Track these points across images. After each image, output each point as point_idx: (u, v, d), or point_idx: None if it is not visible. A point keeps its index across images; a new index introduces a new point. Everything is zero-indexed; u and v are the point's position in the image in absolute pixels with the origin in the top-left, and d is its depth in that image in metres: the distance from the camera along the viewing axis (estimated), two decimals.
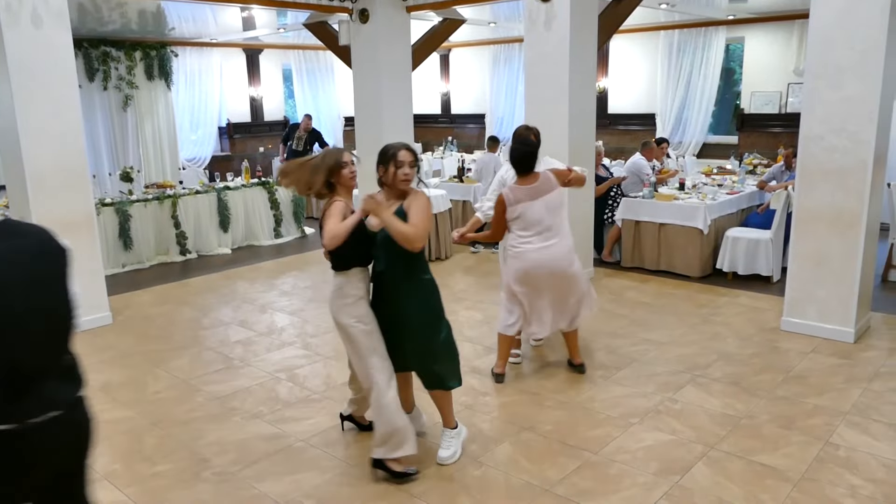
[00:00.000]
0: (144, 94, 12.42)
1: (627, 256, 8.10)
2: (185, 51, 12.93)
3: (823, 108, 5.44)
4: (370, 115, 9.02)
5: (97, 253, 6.51)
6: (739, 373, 5.14)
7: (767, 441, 4.14)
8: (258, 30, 12.46)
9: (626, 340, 5.85)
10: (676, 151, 11.99)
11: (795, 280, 5.84)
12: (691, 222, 7.52)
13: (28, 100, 5.88)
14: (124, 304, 7.21)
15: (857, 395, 4.71)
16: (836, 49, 5.32)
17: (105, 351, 5.92)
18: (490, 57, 14.88)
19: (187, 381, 5.27)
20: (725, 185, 8.76)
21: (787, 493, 3.61)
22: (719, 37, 11.79)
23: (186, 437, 4.38)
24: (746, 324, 6.17)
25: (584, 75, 7.14)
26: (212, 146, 13.77)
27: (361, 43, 8.83)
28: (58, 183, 6.11)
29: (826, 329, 5.72)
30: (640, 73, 12.95)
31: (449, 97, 16.12)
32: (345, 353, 5.67)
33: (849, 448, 4.04)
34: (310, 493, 3.74)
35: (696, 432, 4.26)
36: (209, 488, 3.81)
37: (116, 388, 5.17)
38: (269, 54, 14.41)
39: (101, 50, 11.67)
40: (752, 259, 7.41)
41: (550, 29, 6.92)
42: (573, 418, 4.50)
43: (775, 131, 11.45)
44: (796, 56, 11.12)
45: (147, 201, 8.81)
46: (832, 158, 5.47)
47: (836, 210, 5.52)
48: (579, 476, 3.82)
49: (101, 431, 4.44)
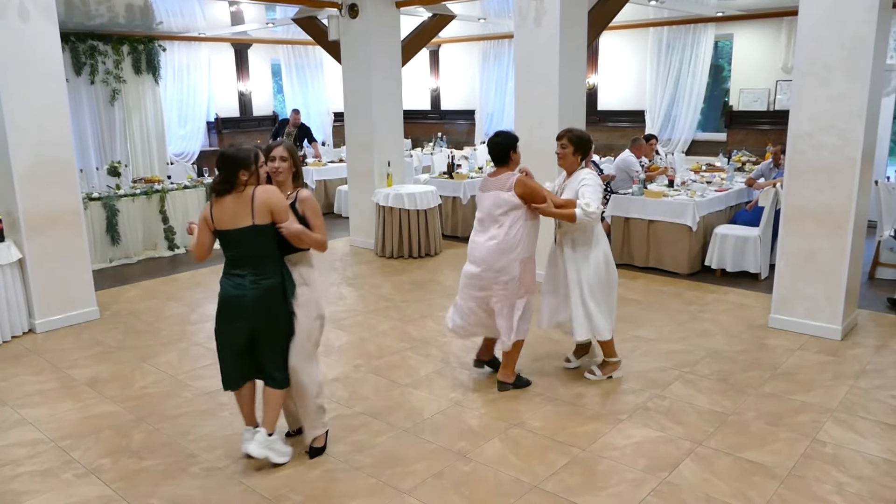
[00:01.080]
0: (132, 89, 12.33)
1: (617, 253, 8.09)
2: (173, 45, 12.84)
3: (812, 105, 5.46)
4: (360, 110, 9.01)
5: (84, 248, 6.46)
6: (727, 370, 5.16)
7: (755, 438, 4.16)
8: (247, 24, 12.40)
9: (615, 337, 5.82)
10: (665, 148, 12.02)
11: (783, 277, 5.87)
12: (680, 219, 7.54)
13: (14, 93, 5.82)
14: (112, 299, 7.17)
15: (844, 393, 4.74)
16: (825, 46, 5.34)
17: (92, 346, 5.88)
18: (480, 53, 14.87)
19: (175, 376, 5.25)
20: (714, 182, 8.79)
21: (774, 489, 3.62)
22: (708, 34, 11.82)
23: (174, 433, 4.36)
24: (734, 321, 6.19)
25: (574, 72, 7.14)
26: (200, 141, 13.69)
27: (351, 38, 8.81)
28: (45, 177, 6.07)
29: (813, 326, 5.75)
30: (629, 70, 12.96)
31: (439, 93, 16.10)
32: (334, 350, 5.69)
33: (836, 445, 4.06)
34: (297, 488, 3.72)
35: (684, 429, 4.28)
36: (197, 483, 3.79)
37: (104, 383, 5.13)
38: (257, 49, 14.34)
39: (88, 44, 11.59)
40: (740, 256, 7.44)
41: (540, 25, 6.92)
42: (562, 415, 4.51)
43: (764, 128, 11.50)
44: (785, 53, 11.16)
45: (135, 196, 8.75)
46: (820, 156, 5.49)
47: (825, 207, 5.55)
48: (568, 472, 3.82)
49: (87, 426, 4.43)
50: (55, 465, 4.00)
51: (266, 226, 3.68)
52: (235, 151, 3.72)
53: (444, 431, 4.32)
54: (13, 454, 4.14)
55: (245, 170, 3.66)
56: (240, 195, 3.67)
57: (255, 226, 3.66)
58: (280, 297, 3.79)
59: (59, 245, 6.24)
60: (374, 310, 6.71)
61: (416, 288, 7.43)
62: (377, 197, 8.73)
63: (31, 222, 6.05)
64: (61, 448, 4.19)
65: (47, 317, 6.25)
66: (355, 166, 9.35)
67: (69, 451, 4.16)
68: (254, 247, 3.71)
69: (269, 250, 3.75)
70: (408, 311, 6.66)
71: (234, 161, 3.66)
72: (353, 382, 5.07)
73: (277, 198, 3.70)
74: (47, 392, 5.02)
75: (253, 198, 3.64)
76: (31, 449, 4.20)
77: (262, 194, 3.66)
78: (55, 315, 6.29)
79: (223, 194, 3.68)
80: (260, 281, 3.72)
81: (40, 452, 4.15)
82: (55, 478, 3.88)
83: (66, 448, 4.19)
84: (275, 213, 3.67)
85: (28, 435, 4.37)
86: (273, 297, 3.76)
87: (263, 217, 3.65)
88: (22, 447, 4.22)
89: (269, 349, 3.82)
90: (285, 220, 3.69)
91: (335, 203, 11.92)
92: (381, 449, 4.11)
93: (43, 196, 6.08)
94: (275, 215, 3.67)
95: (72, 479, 3.87)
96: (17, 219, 6.00)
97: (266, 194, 3.67)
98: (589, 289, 4.78)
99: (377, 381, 5.10)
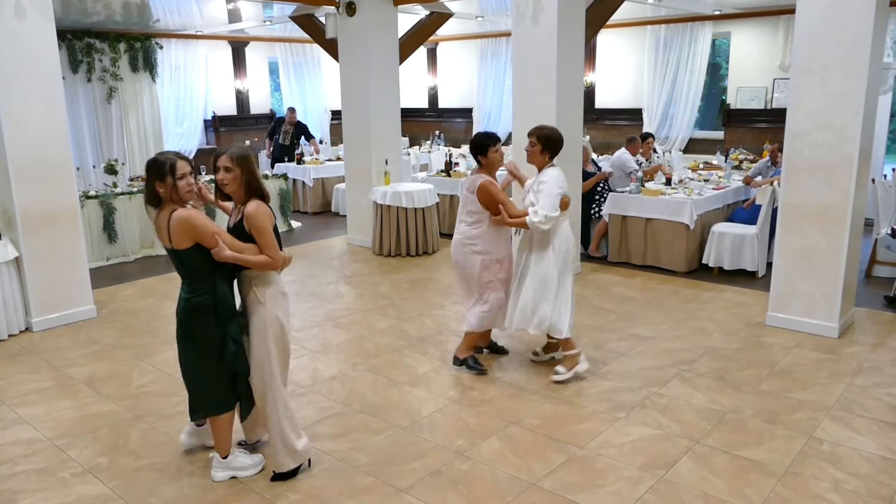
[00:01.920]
0: (129, 87, 12.32)
1: (614, 251, 8.12)
2: (170, 43, 12.82)
3: (809, 103, 5.47)
4: (357, 108, 9.00)
5: (81, 246, 6.45)
6: (725, 368, 5.16)
7: (752, 436, 4.16)
8: (244, 22, 12.38)
9: (613, 335, 5.86)
10: (663, 147, 12.03)
11: (780, 275, 5.88)
12: (678, 217, 7.55)
13: (11, 91, 5.81)
14: (109, 297, 7.16)
15: (841, 390, 4.74)
16: (822, 45, 5.34)
17: (89, 345, 5.87)
18: (477, 51, 14.86)
19: (172, 374, 5.23)
20: (711, 180, 8.79)
21: (771, 487, 3.63)
22: (706, 32, 11.83)
23: (171, 431, 4.35)
24: (732, 319, 6.20)
25: (572, 70, 7.14)
26: (197, 139, 13.68)
27: (348, 36, 8.80)
28: (41, 175, 6.05)
29: (810, 324, 5.76)
30: (627, 68, 12.97)
31: (436, 91, 16.09)
32: (332, 349, 5.69)
33: (833, 443, 4.07)
34: (295, 486, 3.72)
35: (681, 427, 4.28)
36: (194, 482, 3.79)
37: (101, 381, 5.13)
38: (255, 47, 14.32)
39: (84, 41, 11.56)
40: (737, 254, 7.45)
41: (538, 23, 6.91)
42: (560, 413, 4.51)
43: (761, 126, 11.51)
44: (782, 51, 11.17)
45: (132, 194, 8.73)
46: (818, 154, 5.49)
47: (822, 205, 5.55)
48: (566, 470, 3.82)
49: (84, 425, 4.43)
50: (52, 464, 3.99)
51: (187, 250, 3.44)
52: (154, 159, 3.44)
53: (442, 430, 4.31)
54: (10, 453, 4.13)
55: (159, 181, 3.38)
56: (162, 212, 3.43)
57: (174, 249, 3.45)
58: (204, 318, 3.53)
59: (55, 243, 6.22)
60: (371, 308, 6.71)
61: (414, 286, 7.43)
62: (375, 195, 8.72)
63: (28, 220, 6.04)
64: (58, 447, 4.19)
65: (44, 315, 6.23)
66: (353, 164, 9.34)
67: (66, 449, 4.15)
68: (180, 265, 3.54)
69: (197, 268, 3.51)
70: (406, 309, 6.66)
71: (149, 170, 3.40)
72: (351, 381, 5.07)
73: (197, 223, 3.39)
74: (44, 391, 5.01)
75: (168, 221, 3.39)
76: (27, 448, 4.19)
77: (177, 222, 3.38)
78: (52, 313, 6.28)
79: (154, 206, 3.46)
80: (190, 297, 3.53)
81: (37, 451, 4.15)
82: (52, 477, 3.87)
83: (63, 447, 4.18)
84: (199, 239, 3.41)
85: (25, 434, 4.36)
86: (194, 316, 3.54)
87: (182, 242, 3.41)
88: (19, 446, 4.21)
89: (184, 371, 3.69)
90: (214, 244, 3.40)
91: (333, 201, 11.92)
92: (379, 447, 4.11)
93: (39, 194, 6.07)
94: (200, 241, 3.42)
95: (69, 478, 3.86)
96: (14, 217, 5.99)
97: (181, 222, 3.38)
98: (542, 282, 4.87)
99: (375, 379, 5.10)
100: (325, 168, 12.01)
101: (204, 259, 3.48)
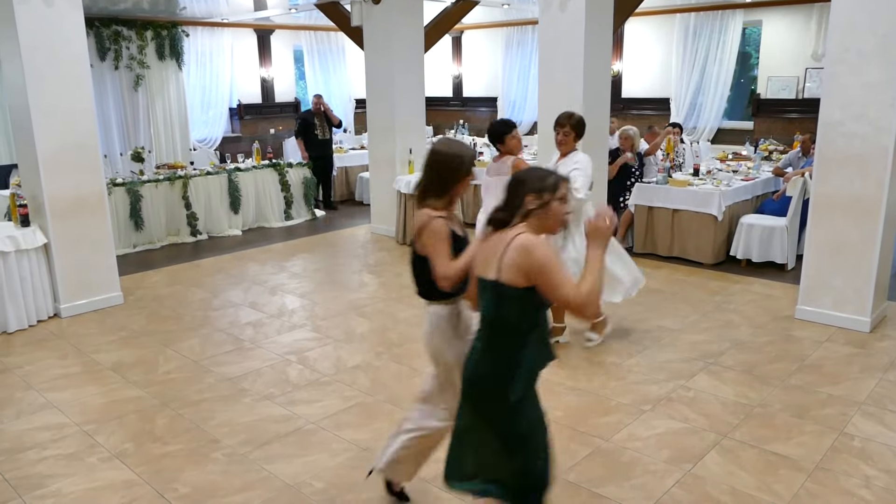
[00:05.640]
0: (155, 74, 12.36)
1: (640, 242, 8.03)
2: (197, 31, 12.85)
3: (844, 93, 5.35)
4: (382, 97, 8.97)
5: (108, 233, 6.50)
6: (752, 361, 5.09)
7: (781, 430, 4.10)
8: (269, 10, 12.36)
9: (639, 327, 5.80)
10: (691, 137, 11.86)
11: (811, 268, 5.78)
12: (705, 208, 7.45)
13: (40, 79, 5.85)
14: (135, 284, 7.22)
15: (873, 386, 4.66)
16: (858, 33, 5.22)
17: (116, 331, 5.92)
18: (503, 39, 14.74)
19: (198, 361, 5.27)
20: (740, 171, 8.66)
21: (800, 482, 3.57)
22: (736, 20, 11.62)
23: (197, 418, 4.38)
24: (760, 312, 6.11)
25: (599, 58, 7.04)
26: (223, 127, 13.71)
27: (373, 24, 8.77)
28: (69, 162, 6.10)
29: (841, 318, 5.66)
30: (654, 57, 12.79)
31: (461, 80, 16.00)
32: (355, 338, 5.68)
33: (864, 438, 3.99)
34: (319, 475, 3.73)
35: (708, 420, 4.23)
36: (219, 469, 3.81)
37: (127, 367, 5.17)
38: (280, 35, 14.32)
39: (112, 29, 11.61)
40: (766, 246, 7.34)
41: (565, 10, 6.82)
42: (585, 405, 4.48)
43: (792, 117, 11.31)
44: (815, 40, 10.95)
45: (158, 182, 8.79)
46: (851, 145, 5.38)
47: (855, 197, 5.44)
48: (591, 463, 3.79)
49: (111, 411, 4.47)
50: (80, 449, 4.04)
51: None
52: (533, 169, 2.75)
53: None
54: (39, 437, 4.18)
55: (534, 193, 2.56)
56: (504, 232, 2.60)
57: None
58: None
59: (83, 230, 6.28)
60: (395, 297, 6.70)
61: None
62: (398, 184, 8.70)
63: (56, 207, 6.09)
64: (86, 432, 4.23)
65: (72, 301, 6.30)
66: (377, 153, 9.33)
67: (94, 435, 4.20)
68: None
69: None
70: None
71: (524, 181, 2.61)
72: (375, 370, 5.07)
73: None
74: (72, 376, 5.06)
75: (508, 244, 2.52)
76: (56, 433, 4.24)
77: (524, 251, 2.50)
78: (80, 300, 6.34)
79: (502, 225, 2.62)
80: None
81: (65, 436, 4.19)
82: (80, 461, 3.91)
83: (90, 432, 4.23)
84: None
85: (53, 419, 4.41)
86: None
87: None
88: (47, 431, 4.26)
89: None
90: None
91: (356, 190, 11.91)
92: None
93: (68, 181, 6.12)
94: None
95: (96, 462, 3.90)
96: (42, 203, 6.05)
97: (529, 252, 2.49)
98: (576, 265, 4.93)
99: (399, 368, 5.09)
100: (349, 157, 11.98)
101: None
